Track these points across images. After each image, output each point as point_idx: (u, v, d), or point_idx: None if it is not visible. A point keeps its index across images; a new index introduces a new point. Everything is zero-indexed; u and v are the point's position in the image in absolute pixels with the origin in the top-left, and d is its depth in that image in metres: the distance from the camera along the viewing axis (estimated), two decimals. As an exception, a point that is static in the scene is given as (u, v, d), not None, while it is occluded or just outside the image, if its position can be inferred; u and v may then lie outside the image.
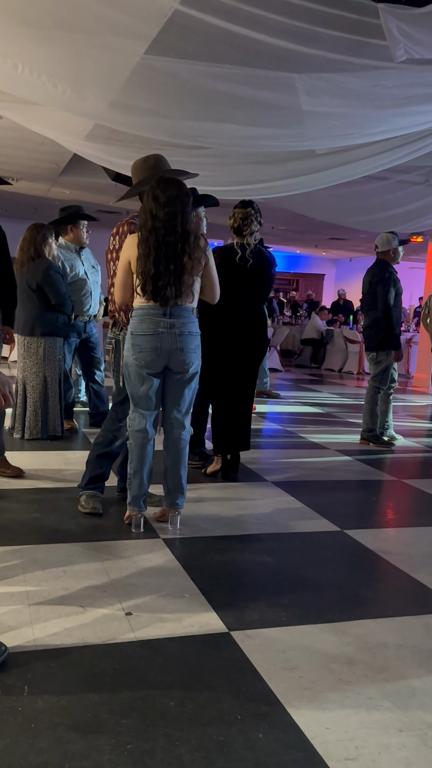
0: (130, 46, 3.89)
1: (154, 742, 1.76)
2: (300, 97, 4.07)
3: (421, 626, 2.52)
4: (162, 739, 1.78)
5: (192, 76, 4.07)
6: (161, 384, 3.32)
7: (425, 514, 4.02)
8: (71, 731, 1.79)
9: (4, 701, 1.90)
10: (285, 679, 2.10)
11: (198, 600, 2.62)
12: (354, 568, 3.10)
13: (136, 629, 2.35)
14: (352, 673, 2.16)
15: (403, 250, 5.87)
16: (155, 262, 3.09)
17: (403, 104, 4.19)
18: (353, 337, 12.76)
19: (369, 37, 3.80)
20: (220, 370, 4.33)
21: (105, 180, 8.47)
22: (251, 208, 4.27)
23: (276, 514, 3.77)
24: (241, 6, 3.57)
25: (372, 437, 5.88)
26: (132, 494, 3.33)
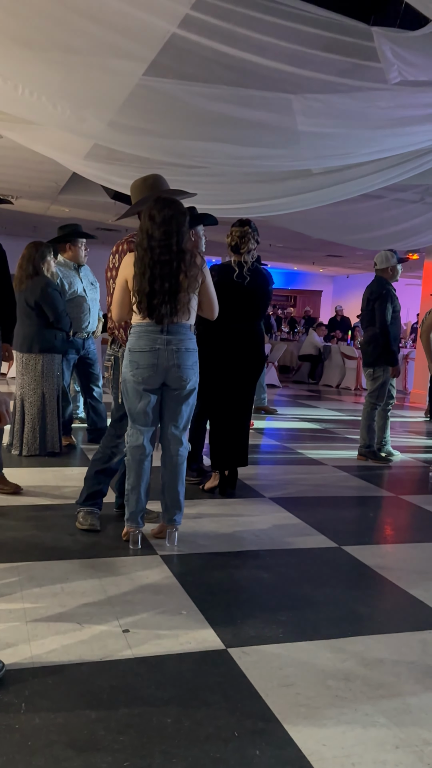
0: (128, 68, 3.96)
1: (151, 759, 1.76)
2: (296, 118, 4.13)
3: (418, 642, 2.53)
4: (159, 756, 1.78)
5: (190, 97, 4.14)
6: (159, 400, 3.34)
7: (422, 530, 4.03)
8: (68, 749, 1.79)
9: (1, 718, 1.90)
10: (282, 696, 2.10)
11: (195, 617, 2.62)
12: (351, 584, 3.11)
13: (134, 646, 2.36)
14: (349, 689, 2.17)
15: (401, 267, 5.92)
16: (150, 281, 3.13)
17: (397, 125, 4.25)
18: (350, 353, 12.80)
19: (364, 59, 3.87)
20: (218, 386, 4.35)
21: (104, 198, 8.55)
22: (248, 226, 4.32)
23: (273, 530, 3.78)
24: (238, 29, 3.63)
25: (369, 453, 5.89)
26: (130, 510, 3.33)
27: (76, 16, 3.47)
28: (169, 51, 3.80)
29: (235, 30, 3.62)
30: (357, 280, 21.33)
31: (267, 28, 3.64)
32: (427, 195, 7.79)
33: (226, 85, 4.05)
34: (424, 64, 3.81)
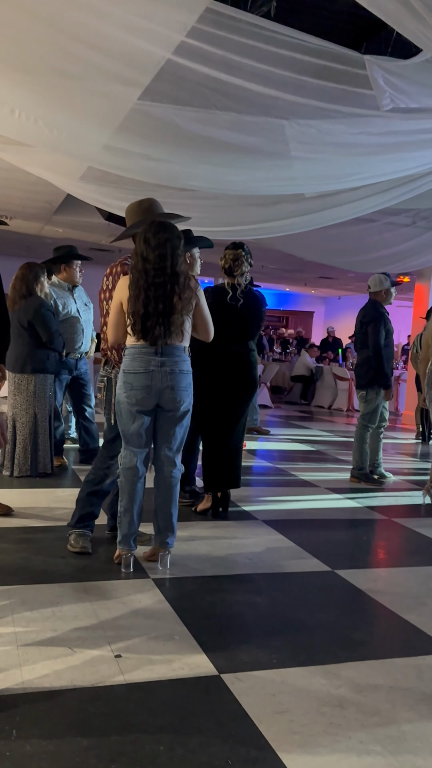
0: (123, 93, 4.01)
1: (143, 789, 1.73)
2: (289, 143, 4.19)
3: (412, 668, 2.51)
4: (151, 785, 1.75)
5: (184, 122, 4.19)
6: (153, 422, 3.34)
7: (415, 553, 4.02)
8: (59, 778, 1.76)
9: (-9, 747, 1.87)
10: (275, 723, 2.08)
11: (188, 642, 2.60)
12: (345, 609, 3.09)
13: (126, 672, 2.33)
14: (343, 716, 2.14)
15: (395, 291, 5.97)
16: (144, 303, 3.15)
17: (388, 151, 4.31)
18: (342, 374, 12.84)
19: (356, 86, 3.93)
20: (211, 407, 4.35)
21: (98, 219, 8.60)
22: (242, 249, 4.36)
23: (266, 553, 3.76)
24: (232, 56, 3.69)
25: (362, 475, 5.89)
26: (122, 533, 3.31)
27: (73, 42, 3.52)
28: (164, 77, 3.86)
29: (229, 57, 3.68)
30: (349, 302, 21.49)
31: (260, 55, 3.70)
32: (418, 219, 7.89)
33: (219, 110, 4.10)
34: (415, 91, 3.87)
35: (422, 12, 2.90)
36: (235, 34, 3.58)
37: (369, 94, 3.85)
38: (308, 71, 3.81)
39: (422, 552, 4.03)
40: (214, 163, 4.67)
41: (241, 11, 3.68)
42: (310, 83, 3.85)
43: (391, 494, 5.57)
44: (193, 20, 3.35)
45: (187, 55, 3.64)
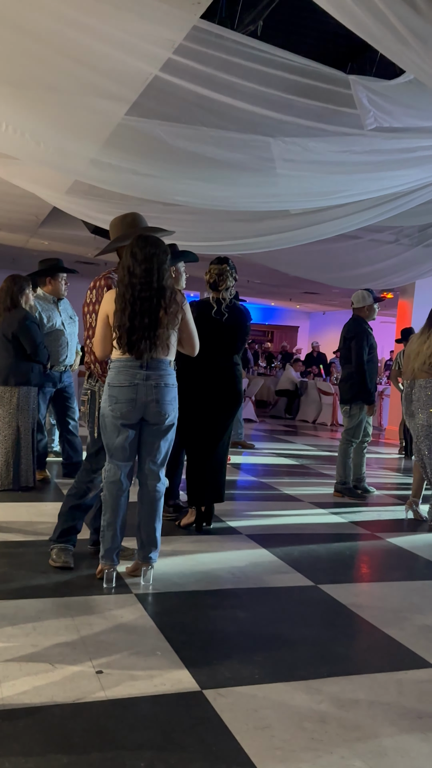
0: (111, 108, 4.04)
1: (123, 807, 1.72)
2: (275, 160, 4.23)
3: (394, 683, 2.51)
4: (131, 803, 1.73)
5: (171, 137, 4.22)
6: (137, 435, 3.34)
7: (397, 568, 4.03)
8: (38, 796, 1.74)
9: (-31, 765, 1.84)
10: (257, 739, 2.07)
11: (170, 657, 2.58)
12: (327, 624, 3.09)
13: (107, 688, 2.31)
14: (325, 731, 2.14)
15: (378, 307, 6.02)
16: (130, 317, 3.15)
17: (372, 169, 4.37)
18: (327, 388, 12.91)
19: (340, 105, 3.99)
20: (196, 421, 4.35)
21: (84, 232, 8.61)
22: (226, 264, 4.38)
23: (250, 568, 3.75)
24: (218, 74, 3.74)
25: (345, 490, 5.91)
26: (105, 547, 3.29)
27: (61, 57, 3.54)
28: (151, 93, 3.89)
29: (215, 74, 3.73)
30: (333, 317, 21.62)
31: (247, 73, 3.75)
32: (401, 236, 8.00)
33: (206, 127, 4.14)
34: (399, 111, 3.94)
35: (405, 35, 2.96)
36: (221, 52, 3.63)
37: (353, 114, 3.92)
38: (294, 90, 3.86)
39: (404, 567, 4.04)
40: (201, 178, 4.72)
41: (228, 30, 3.73)
42: (296, 102, 3.90)
43: (374, 509, 5.59)
44: (181, 38, 3.39)
45: (174, 72, 3.68)
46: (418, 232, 8.14)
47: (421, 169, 4.60)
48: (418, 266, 8.87)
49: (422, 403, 4.96)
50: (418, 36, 2.94)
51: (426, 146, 4.24)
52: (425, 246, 8.26)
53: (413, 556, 4.24)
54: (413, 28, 2.88)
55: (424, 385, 4.95)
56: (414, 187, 5.18)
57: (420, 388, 4.97)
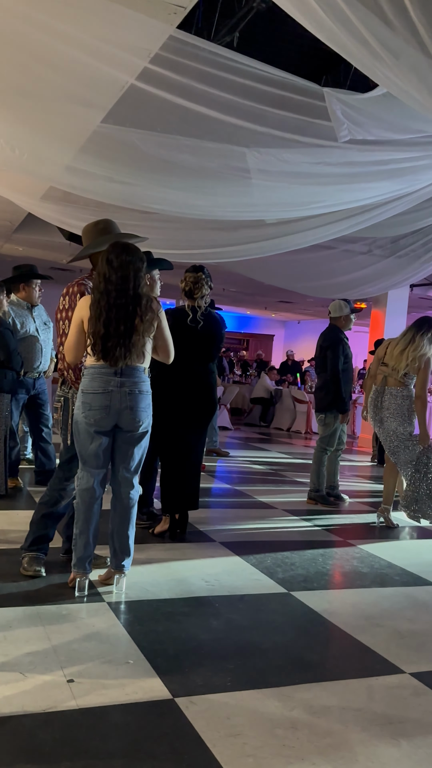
0: (86, 115, 4.05)
1: None
2: (250, 171, 4.27)
3: (365, 689, 2.53)
4: None
5: (146, 145, 4.24)
6: (111, 442, 3.33)
7: (370, 575, 4.07)
8: (7, 807, 1.72)
9: None
10: (229, 746, 2.07)
11: (142, 666, 2.57)
12: (299, 630, 3.10)
13: (78, 696, 2.29)
14: (296, 738, 2.15)
15: (355, 317, 6.09)
16: (105, 324, 3.15)
17: (346, 181, 4.43)
18: (301, 397, 12.98)
19: (315, 117, 4.05)
20: (170, 428, 4.35)
21: (59, 238, 8.57)
22: (202, 272, 4.40)
23: (223, 575, 3.76)
24: (194, 84, 3.77)
25: (319, 497, 5.94)
26: (77, 556, 3.27)
27: (37, 64, 3.54)
28: (127, 101, 3.91)
29: (191, 84, 3.75)
30: (308, 326, 21.78)
31: (222, 84, 3.79)
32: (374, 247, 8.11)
33: (182, 136, 4.17)
34: (372, 124, 4.00)
35: (378, 49, 3.01)
36: (197, 63, 3.66)
37: (327, 126, 3.97)
38: (269, 101, 3.91)
39: (376, 573, 4.08)
40: (176, 187, 4.74)
41: (205, 41, 3.76)
42: (271, 113, 3.95)
43: (346, 516, 5.63)
44: (157, 47, 3.41)
45: (150, 81, 3.70)
46: (391, 244, 8.27)
47: (393, 182, 4.67)
48: (391, 277, 8.99)
49: (392, 412, 5.04)
50: (390, 51, 2.99)
51: (398, 159, 4.31)
52: (397, 257, 8.39)
53: (385, 563, 4.28)
54: (385, 42, 2.94)
55: (395, 393, 5.03)
56: (386, 199, 5.26)
57: (391, 396, 5.05)
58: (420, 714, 2.38)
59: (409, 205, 5.61)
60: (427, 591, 3.78)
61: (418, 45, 2.88)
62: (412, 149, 4.30)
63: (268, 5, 4.44)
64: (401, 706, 2.43)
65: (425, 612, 3.44)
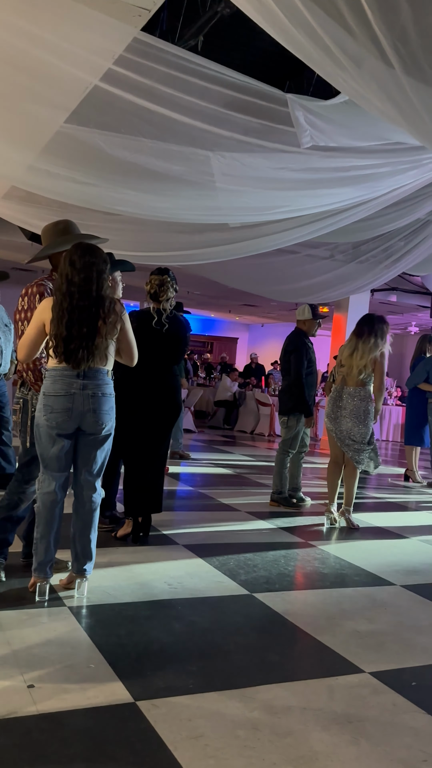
0: (49, 115, 4.01)
1: None
2: (214, 174, 4.28)
3: (325, 689, 2.56)
4: None
5: (110, 147, 4.22)
6: (73, 445, 3.30)
7: (330, 575, 4.11)
8: None
9: None
10: (190, 748, 2.07)
11: (104, 670, 2.56)
12: (261, 632, 3.12)
13: (39, 702, 2.27)
14: (257, 739, 2.16)
15: (320, 323, 6.18)
16: (68, 326, 3.12)
17: (308, 187, 4.48)
18: (265, 399, 13.05)
19: (278, 123, 4.08)
20: (134, 431, 4.34)
21: (21, 239, 8.46)
22: (167, 275, 4.40)
23: (186, 578, 3.76)
24: (158, 86, 3.77)
25: (281, 499, 5.99)
26: (38, 560, 3.24)
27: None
28: (91, 102, 3.88)
29: (155, 87, 3.76)
30: (271, 329, 21.93)
31: (186, 87, 3.79)
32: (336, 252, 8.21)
33: (146, 138, 4.16)
34: (334, 131, 4.06)
35: (340, 56, 3.06)
36: (162, 65, 3.66)
37: (291, 131, 4.01)
38: (232, 106, 3.93)
39: (337, 574, 4.12)
40: (140, 189, 4.73)
41: (169, 44, 3.77)
42: (234, 117, 3.97)
43: (308, 518, 5.68)
44: (121, 49, 3.40)
45: (114, 83, 3.69)
46: (352, 249, 8.38)
47: (354, 188, 4.74)
48: (353, 282, 9.12)
49: (349, 411, 5.18)
50: (352, 58, 3.04)
51: (359, 166, 4.38)
52: (359, 262, 8.51)
53: (345, 564, 4.33)
54: (347, 50, 2.98)
55: (353, 393, 5.20)
56: (348, 205, 5.33)
57: (349, 396, 5.21)
58: (378, 712, 2.42)
59: (371, 212, 5.70)
60: (386, 591, 3.84)
61: (378, 54, 2.92)
62: (373, 156, 4.37)
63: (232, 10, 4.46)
64: (360, 705, 2.46)
65: (384, 612, 3.50)
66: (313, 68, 3.44)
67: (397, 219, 6.30)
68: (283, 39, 3.13)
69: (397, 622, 3.35)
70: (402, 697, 2.54)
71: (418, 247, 7.53)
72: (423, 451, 8.69)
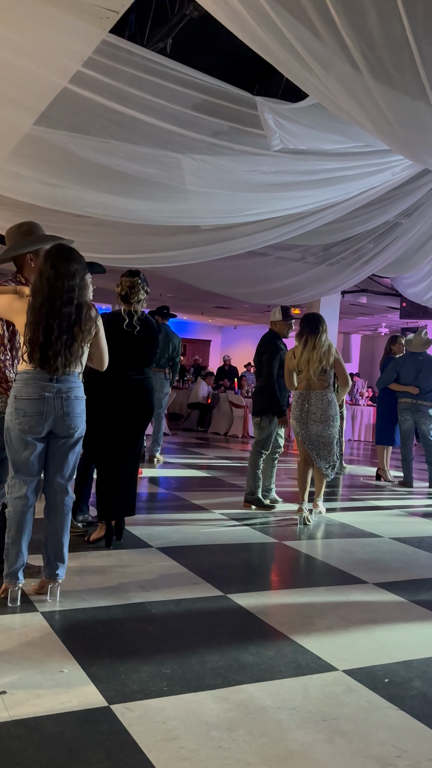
0: (18, 117, 3.98)
1: None
2: (185, 177, 4.29)
3: (300, 688, 2.57)
4: None
5: (80, 149, 4.21)
6: (44, 449, 3.27)
7: (304, 574, 4.14)
8: None
9: None
10: (165, 751, 2.07)
11: (77, 674, 2.54)
12: (235, 632, 3.13)
13: (11, 708, 2.25)
14: (232, 739, 2.17)
15: (294, 325, 6.21)
16: (45, 331, 3.09)
17: (278, 189, 4.52)
18: (238, 401, 13.08)
19: (248, 126, 4.11)
20: (107, 434, 4.32)
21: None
22: (138, 277, 4.40)
23: (160, 580, 3.75)
24: (127, 89, 3.77)
25: (254, 500, 6.00)
26: (9, 566, 3.20)
27: (-35, 64, 3.47)
28: (60, 104, 3.87)
29: (124, 89, 3.76)
30: (244, 331, 21.99)
31: (156, 89, 3.80)
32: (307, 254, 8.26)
33: (116, 140, 4.16)
34: (304, 134, 4.10)
35: (307, 60, 3.09)
36: (130, 68, 3.67)
37: (260, 134, 4.04)
38: (202, 108, 3.95)
39: (310, 573, 4.15)
40: (110, 191, 4.71)
41: (138, 46, 3.77)
42: (204, 120, 3.99)
43: (282, 518, 5.71)
44: (90, 51, 3.40)
45: (83, 85, 3.68)
46: (323, 251, 8.45)
47: (324, 191, 4.79)
48: (323, 283, 9.19)
49: (318, 417, 5.30)
50: (319, 61, 3.07)
51: (329, 168, 4.42)
52: (329, 264, 8.59)
53: (318, 563, 4.36)
54: (314, 53, 3.01)
55: (320, 396, 5.35)
56: (318, 208, 5.38)
57: (317, 400, 5.34)
58: (352, 710, 2.44)
59: (341, 214, 5.76)
60: (359, 589, 3.88)
61: (346, 58, 2.96)
62: (342, 159, 4.42)
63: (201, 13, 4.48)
64: (334, 703, 2.48)
65: (357, 610, 3.53)
66: (281, 71, 3.47)
67: (366, 221, 6.37)
68: (251, 42, 3.15)
69: (369, 620, 3.38)
70: (375, 695, 2.57)
71: (387, 249, 7.63)
72: (394, 450, 8.78)
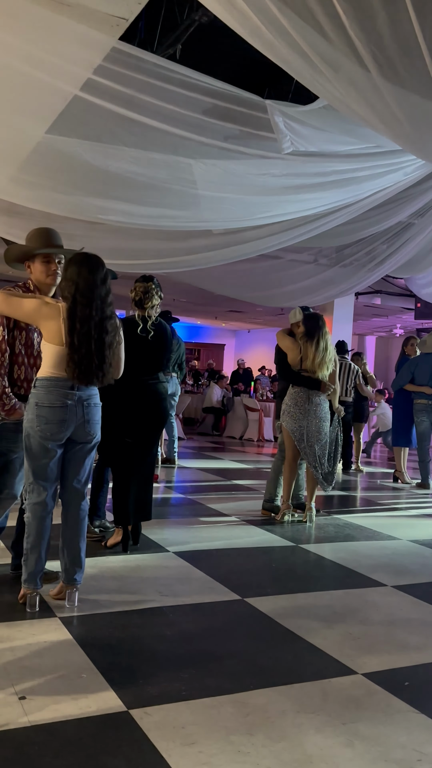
0: (31, 126, 4.02)
1: None
2: (196, 182, 4.31)
3: (318, 691, 2.56)
4: None
5: (92, 156, 4.24)
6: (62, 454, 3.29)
7: (321, 577, 4.12)
8: None
9: None
10: (185, 756, 2.06)
11: (96, 679, 2.54)
12: (253, 636, 3.12)
13: (30, 713, 2.25)
14: (251, 744, 2.16)
15: None
16: (86, 340, 3.13)
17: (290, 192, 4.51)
18: (253, 405, 13.06)
19: (258, 129, 4.11)
20: (122, 439, 4.33)
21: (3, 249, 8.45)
22: (152, 282, 4.41)
23: (177, 585, 3.75)
24: (138, 95, 3.79)
25: (273, 508, 5.96)
26: (28, 571, 3.22)
27: (-22, 74, 3.51)
28: (72, 111, 3.90)
29: (135, 96, 3.78)
30: (258, 335, 21.98)
31: (166, 95, 3.82)
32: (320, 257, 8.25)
33: (127, 147, 4.18)
34: (314, 136, 4.09)
35: (317, 62, 3.09)
36: (141, 74, 3.69)
37: (271, 137, 4.04)
38: (212, 113, 3.96)
39: (328, 576, 4.13)
40: (123, 197, 4.74)
41: (148, 52, 3.79)
42: (215, 124, 4.00)
43: (298, 521, 5.68)
44: (100, 59, 3.42)
45: (94, 92, 3.71)
46: (336, 253, 8.43)
47: (336, 192, 4.78)
48: (336, 285, 9.17)
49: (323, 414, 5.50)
50: (329, 63, 3.07)
51: (340, 170, 4.41)
52: (342, 266, 8.56)
53: (336, 566, 4.34)
54: (323, 55, 3.01)
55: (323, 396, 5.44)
56: (330, 209, 5.37)
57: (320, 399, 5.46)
58: (372, 714, 2.42)
59: (352, 215, 5.74)
60: (377, 592, 3.85)
61: (355, 59, 2.96)
62: (353, 160, 4.41)
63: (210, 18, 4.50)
64: (354, 707, 2.47)
65: (376, 613, 3.50)
66: (291, 74, 3.47)
67: (378, 222, 6.35)
68: (260, 45, 3.16)
69: (388, 623, 3.36)
70: (395, 698, 2.55)
71: (401, 250, 7.59)
72: (411, 452, 8.71)
